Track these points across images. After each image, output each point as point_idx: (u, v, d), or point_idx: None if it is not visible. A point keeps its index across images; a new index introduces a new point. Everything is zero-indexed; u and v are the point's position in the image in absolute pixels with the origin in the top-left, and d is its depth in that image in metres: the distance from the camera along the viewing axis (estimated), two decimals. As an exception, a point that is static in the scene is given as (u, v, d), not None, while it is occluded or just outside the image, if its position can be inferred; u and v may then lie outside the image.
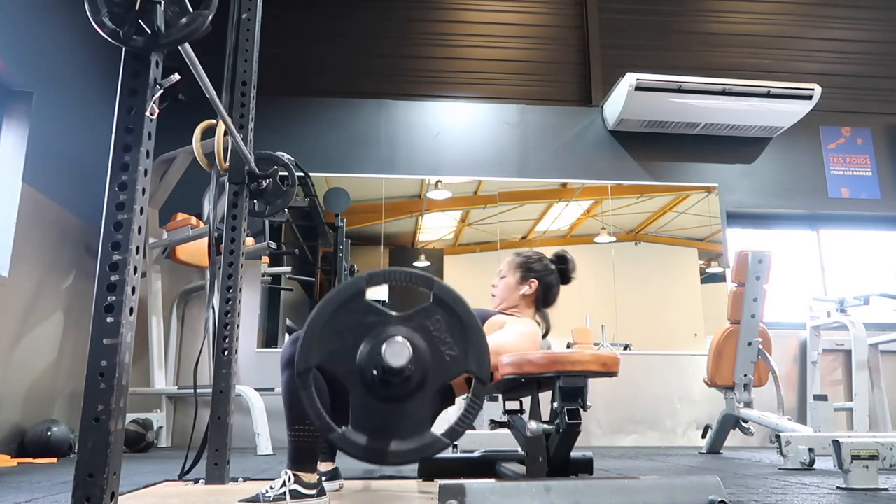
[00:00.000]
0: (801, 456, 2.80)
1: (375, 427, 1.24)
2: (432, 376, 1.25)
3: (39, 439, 3.46)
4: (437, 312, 1.28)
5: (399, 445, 1.23)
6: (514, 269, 2.01)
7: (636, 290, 5.31)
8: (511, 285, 1.98)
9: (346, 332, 1.25)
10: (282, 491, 1.58)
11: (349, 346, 1.25)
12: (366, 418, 1.24)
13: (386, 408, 1.24)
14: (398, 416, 1.25)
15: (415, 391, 1.24)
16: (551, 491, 1.36)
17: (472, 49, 5.81)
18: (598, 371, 1.51)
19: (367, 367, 1.22)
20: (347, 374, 1.24)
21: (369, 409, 1.24)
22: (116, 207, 1.09)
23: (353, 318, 1.26)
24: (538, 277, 1.99)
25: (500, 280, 2.03)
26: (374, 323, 1.26)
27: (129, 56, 1.14)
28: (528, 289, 1.97)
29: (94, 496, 1.01)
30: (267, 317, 5.01)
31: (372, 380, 1.23)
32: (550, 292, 2.01)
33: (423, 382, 1.24)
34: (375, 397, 1.24)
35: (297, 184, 2.39)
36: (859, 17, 6.06)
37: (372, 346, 1.23)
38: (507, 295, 1.98)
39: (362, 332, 1.26)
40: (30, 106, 3.71)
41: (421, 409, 1.26)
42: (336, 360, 1.25)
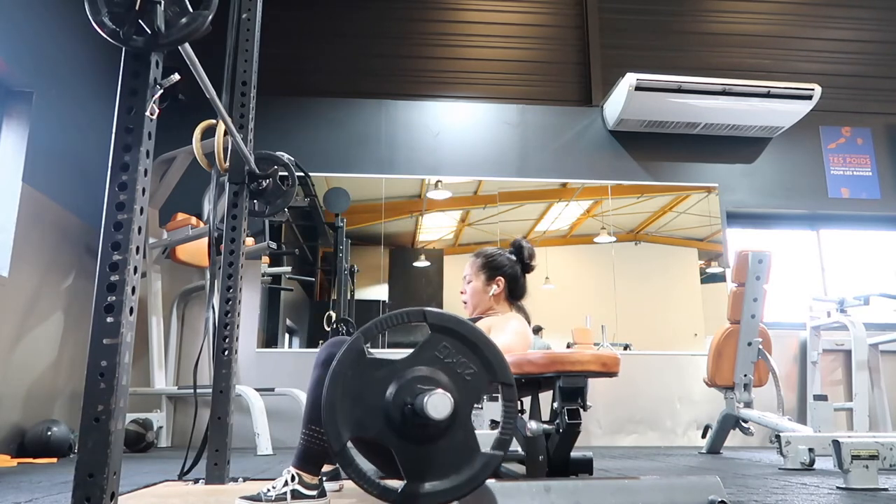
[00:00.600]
0: (801, 456, 2.80)
1: (429, 470, 1.24)
2: (462, 401, 1.26)
3: (39, 439, 3.46)
4: (440, 340, 1.29)
5: (460, 478, 1.24)
6: (477, 271, 2.02)
7: (636, 290, 5.31)
8: (479, 288, 1.99)
9: (364, 395, 1.25)
10: (283, 491, 1.58)
11: (373, 407, 1.25)
12: (417, 466, 1.24)
13: (432, 448, 1.25)
14: (447, 451, 1.25)
15: (453, 422, 1.24)
16: (551, 491, 1.36)
17: (472, 49, 5.81)
18: (598, 371, 1.51)
19: (398, 417, 1.23)
20: (382, 434, 1.24)
21: (417, 456, 1.24)
22: (116, 207, 1.09)
23: (366, 379, 1.26)
24: (503, 274, 1.99)
25: (468, 285, 2.04)
26: (387, 375, 1.26)
27: (129, 56, 1.14)
28: (497, 287, 1.98)
29: (94, 496, 1.01)
30: (267, 317, 5.01)
31: (407, 428, 1.23)
32: (517, 284, 2.02)
33: (456, 411, 1.23)
34: (417, 443, 1.24)
35: (297, 184, 2.39)
36: (859, 17, 6.06)
37: (396, 393, 1.23)
38: (479, 299, 2.00)
39: (381, 388, 1.25)
40: (30, 106, 3.71)
41: (465, 436, 1.26)
42: (366, 426, 1.25)
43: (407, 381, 1.24)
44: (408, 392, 1.23)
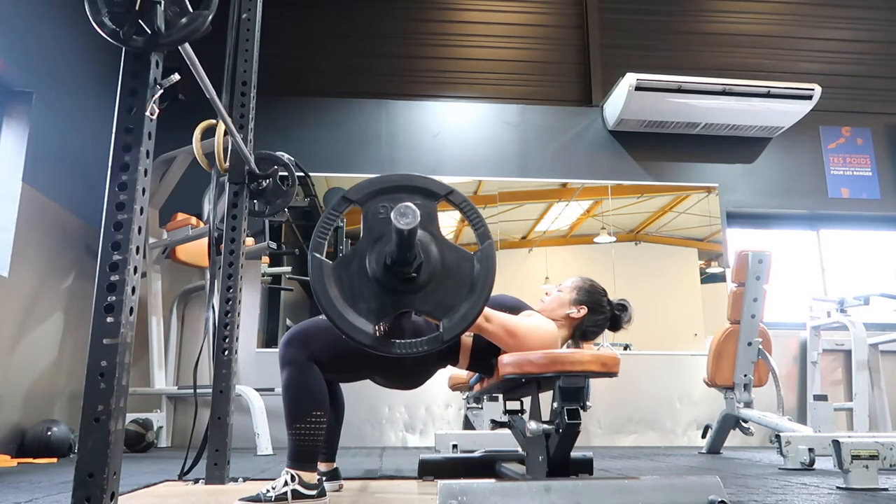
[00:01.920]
0: (801, 456, 2.80)
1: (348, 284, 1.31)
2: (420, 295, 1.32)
3: (39, 439, 3.46)
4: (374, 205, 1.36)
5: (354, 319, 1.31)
6: (573, 288, 1.93)
7: (636, 291, 5.31)
8: (563, 301, 1.91)
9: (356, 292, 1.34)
10: (283, 491, 1.58)
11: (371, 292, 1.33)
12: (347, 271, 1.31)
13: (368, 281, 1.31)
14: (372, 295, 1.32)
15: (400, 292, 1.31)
16: (551, 491, 1.36)
17: (472, 49, 5.81)
18: (598, 371, 1.51)
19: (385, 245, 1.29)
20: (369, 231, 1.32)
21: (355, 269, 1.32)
22: (116, 207, 1.09)
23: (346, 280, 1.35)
24: (591, 309, 1.91)
25: (557, 292, 1.96)
26: (360, 262, 1.35)
27: (129, 56, 1.14)
28: (576, 312, 1.88)
29: (94, 496, 1.01)
30: (267, 317, 5.01)
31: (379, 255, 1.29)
32: (593, 329, 1.93)
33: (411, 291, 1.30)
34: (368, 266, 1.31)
35: (297, 184, 2.39)
36: (859, 17, 6.06)
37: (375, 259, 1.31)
38: (555, 307, 1.91)
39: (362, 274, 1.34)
40: (30, 106, 3.71)
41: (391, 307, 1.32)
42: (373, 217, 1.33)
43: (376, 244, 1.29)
44: (382, 257, 1.29)
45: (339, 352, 1.67)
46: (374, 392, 4.19)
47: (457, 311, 1.32)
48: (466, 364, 1.81)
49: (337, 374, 1.78)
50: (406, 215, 1.18)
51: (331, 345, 1.67)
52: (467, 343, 1.77)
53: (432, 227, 1.33)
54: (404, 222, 1.18)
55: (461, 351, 1.79)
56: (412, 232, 1.20)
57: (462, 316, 1.32)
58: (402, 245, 1.22)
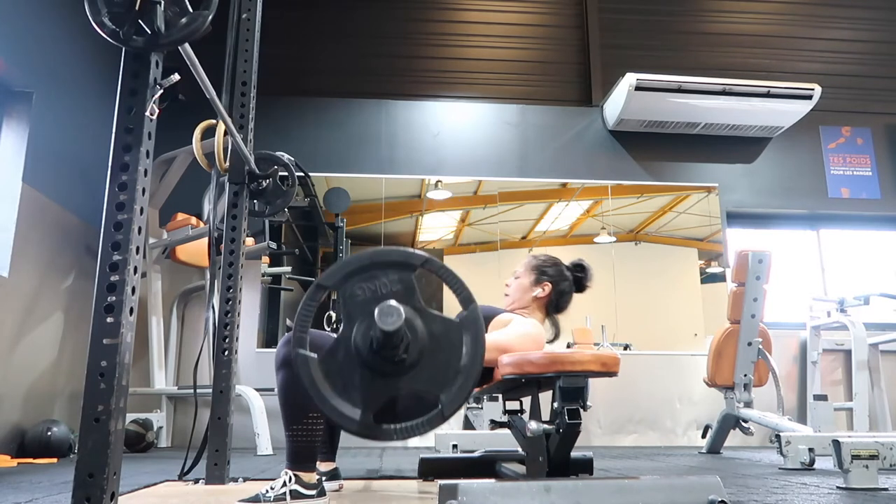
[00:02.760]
0: (801, 456, 2.80)
1: (338, 378, 1.24)
2: (412, 374, 1.26)
3: (39, 439, 3.46)
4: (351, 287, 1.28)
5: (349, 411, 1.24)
6: (529, 270, 1.98)
7: (636, 290, 5.31)
8: (525, 286, 1.96)
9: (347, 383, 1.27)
10: (282, 491, 1.58)
11: (368, 298, 1.26)
12: (335, 363, 1.25)
13: (358, 369, 1.25)
14: (363, 384, 1.25)
15: (390, 375, 1.25)
16: (551, 491, 1.36)
17: (472, 49, 5.81)
18: (598, 371, 1.51)
19: (369, 327, 1.23)
20: (349, 317, 1.26)
21: (343, 359, 1.25)
22: (116, 207, 1.09)
23: (333, 372, 1.26)
24: (552, 282, 1.95)
25: (515, 280, 2.00)
26: (346, 352, 1.27)
27: (129, 56, 1.14)
28: (541, 291, 1.94)
29: (94, 496, 1.01)
30: (267, 317, 5.01)
31: (365, 338, 1.23)
32: (563, 298, 1.98)
33: (402, 372, 1.25)
34: (355, 353, 1.25)
35: (297, 184, 2.39)
36: (859, 17, 6.06)
37: (381, 311, 1.23)
38: (520, 295, 1.96)
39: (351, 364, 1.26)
40: (30, 106, 3.71)
41: (384, 392, 1.26)
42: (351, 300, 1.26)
43: (359, 327, 1.24)
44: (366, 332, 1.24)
45: None
46: (374, 392, 4.19)
47: (454, 382, 1.27)
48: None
49: None
50: (391, 315, 1.16)
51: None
52: None
53: (414, 301, 1.27)
54: (389, 322, 1.16)
55: None
56: (398, 331, 1.18)
57: (460, 387, 1.26)
58: (389, 341, 1.20)
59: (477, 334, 1.29)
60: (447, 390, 1.26)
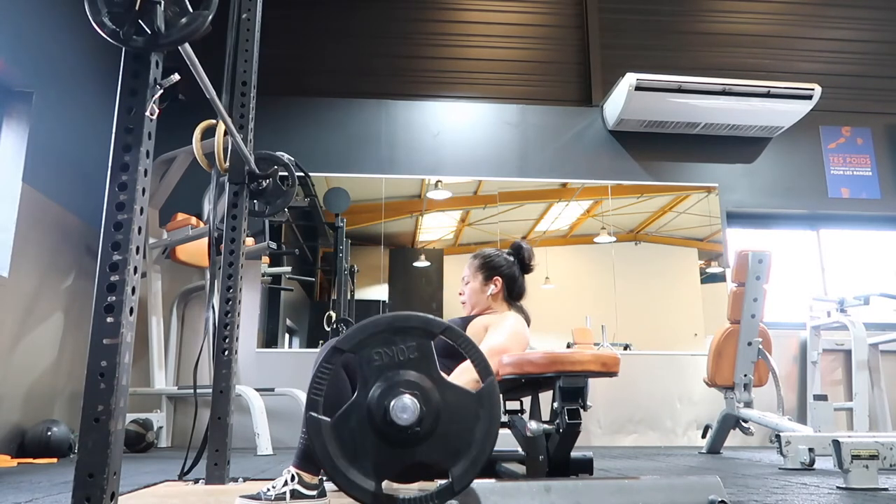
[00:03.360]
0: (801, 456, 2.80)
1: (348, 442, 1.24)
2: (424, 446, 1.25)
3: (39, 439, 3.46)
4: (472, 403, 1.28)
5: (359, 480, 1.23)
6: (475, 271, 2.02)
7: (636, 290, 5.31)
8: (477, 288, 2.00)
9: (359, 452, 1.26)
10: (283, 490, 1.58)
11: (386, 364, 1.27)
12: (346, 428, 1.24)
13: (369, 434, 1.25)
14: (375, 450, 1.24)
15: (401, 444, 1.24)
16: (551, 491, 1.36)
17: (472, 49, 5.81)
18: (598, 371, 1.51)
19: (385, 394, 1.24)
20: (364, 381, 1.26)
21: (354, 423, 1.25)
22: (116, 207, 1.09)
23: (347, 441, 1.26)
24: (500, 274, 2.00)
25: (466, 286, 2.04)
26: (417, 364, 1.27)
27: (129, 56, 1.14)
28: (494, 287, 1.98)
29: (94, 496, 1.01)
30: (267, 317, 5.01)
31: (380, 405, 1.24)
32: (516, 285, 2.02)
33: (414, 443, 1.24)
34: (367, 418, 1.24)
35: (297, 184, 2.39)
36: (859, 17, 6.06)
37: (395, 383, 1.25)
38: (476, 299, 2.00)
39: (405, 365, 1.27)
40: (30, 106, 3.71)
41: (396, 462, 1.25)
42: (367, 366, 1.26)
43: (412, 383, 1.24)
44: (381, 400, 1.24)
45: None
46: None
47: (466, 456, 1.25)
48: None
49: None
50: (405, 411, 1.18)
51: None
52: None
53: (431, 370, 1.27)
54: (405, 419, 1.17)
55: None
56: (413, 425, 1.19)
57: (472, 461, 1.25)
58: (402, 428, 1.20)
59: (492, 409, 1.27)
60: (459, 463, 1.24)
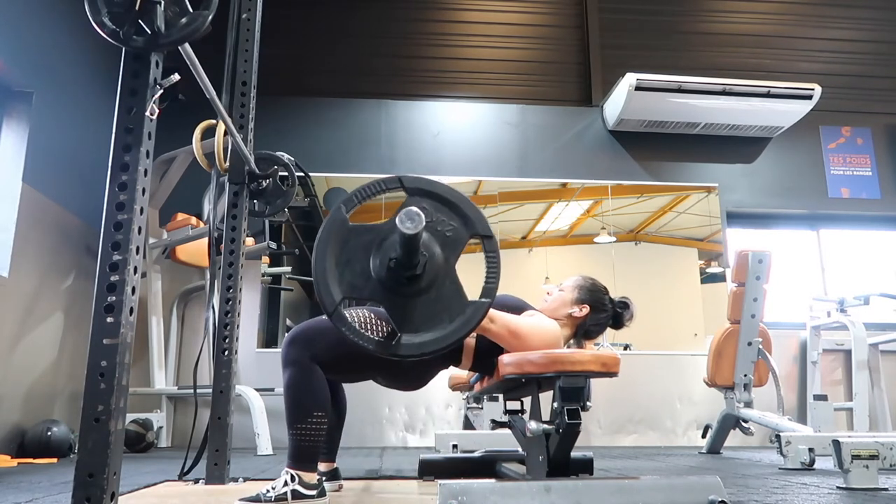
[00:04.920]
0: (801, 456, 2.80)
1: (422, 322, 1.31)
2: (446, 254, 1.33)
3: (39, 439, 3.46)
4: (419, 202, 1.35)
5: (452, 326, 1.31)
6: (575, 287, 1.94)
7: (636, 290, 5.29)
8: (565, 300, 1.92)
9: (352, 259, 1.33)
10: (283, 491, 1.58)
11: (362, 268, 1.32)
12: (409, 319, 1.31)
13: (421, 301, 1.31)
14: (436, 302, 1.32)
15: (411, 294, 1.30)
16: (551, 491, 1.36)
17: (472, 49, 5.81)
18: (599, 371, 1.51)
19: (386, 273, 1.29)
20: (373, 293, 1.31)
21: (407, 309, 1.31)
22: (116, 207, 1.09)
23: (352, 245, 1.33)
24: (593, 307, 1.92)
25: (558, 291, 1.96)
26: (371, 239, 1.33)
27: (129, 56, 1.14)
28: (579, 311, 1.89)
29: (94, 496, 1.01)
30: (267, 317, 5.01)
31: (396, 282, 1.29)
32: (596, 327, 1.94)
33: (422, 290, 1.30)
34: (406, 297, 1.31)
35: (297, 184, 2.39)
36: (859, 17, 6.06)
37: (382, 256, 1.30)
38: (557, 306, 1.91)
39: (366, 250, 1.32)
40: (30, 106, 3.71)
41: (453, 287, 1.33)
42: (357, 287, 1.32)
43: (390, 239, 1.29)
44: (391, 248, 1.29)
45: (342, 352, 1.67)
46: (374, 392, 4.20)
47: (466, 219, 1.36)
48: (469, 364, 1.80)
49: (339, 374, 1.78)
50: (412, 219, 1.19)
51: (333, 345, 1.67)
52: (470, 343, 1.77)
53: (450, 255, 1.36)
54: (414, 227, 1.19)
55: (464, 351, 1.79)
56: (417, 237, 1.21)
57: (471, 215, 1.36)
58: (410, 250, 1.23)
59: (423, 181, 1.36)
60: (468, 224, 1.35)
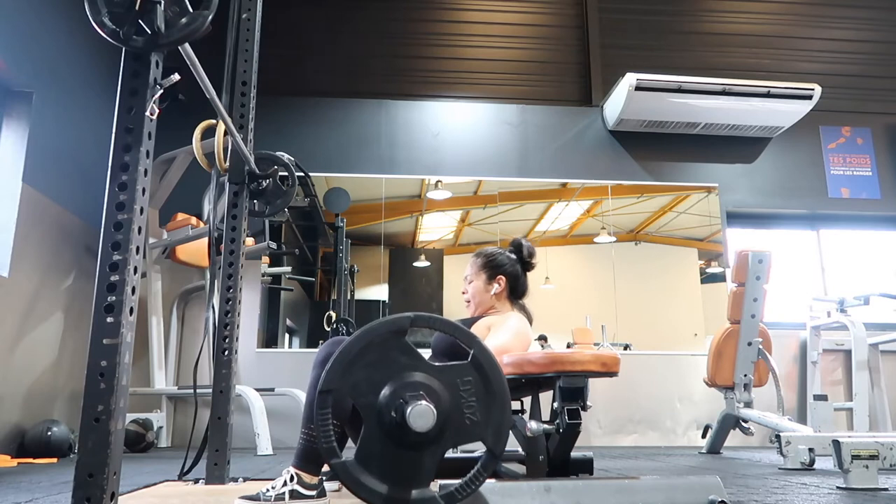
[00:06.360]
0: (801, 456, 2.80)
1: (379, 467, 1.23)
2: (448, 435, 1.24)
3: (39, 439, 3.46)
4: (470, 374, 1.26)
5: (396, 492, 1.22)
6: (478, 270, 2.02)
7: (636, 290, 5.31)
8: (480, 288, 2.00)
9: (376, 365, 1.24)
10: (282, 491, 1.58)
11: (376, 380, 1.24)
12: (371, 456, 1.23)
13: (394, 452, 1.23)
14: (404, 463, 1.23)
15: (426, 445, 1.23)
16: (551, 491, 1.36)
17: (472, 49, 5.81)
18: (598, 371, 1.51)
19: (387, 411, 1.22)
20: (366, 408, 1.24)
21: (376, 450, 1.23)
22: (116, 207, 1.09)
23: (387, 354, 1.25)
24: (503, 272, 1.99)
25: (469, 285, 2.04)
26: (405, 365, 1.24)
27: (129, 56, 1.14)
28: (498, 286, 1.98)
29: (94, 496, 1.01)
30: (267, 317, 5.01)
31: (389, 423, 1.22)
32: (519, 283, 2.02)
33: (437, 438, 1.22)
34: (387, 439, 1.23)
35: (297, 184, 2.39)
36: (859, 17, 6.06)
37: (395, 390, 1.22)
38: (480, 298, 2.00)
39: (392, 370, 1.24)
40: (30, 106, 3.71)
41: (427, 463, 1.24)
42: (358, 392, 1.24)
43: (410, 384, 1.22)
44: (402, 393, 1.22)
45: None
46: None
47: (489, 421, 1.25)
48: None
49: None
50: (424, 417, 1.16)
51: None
52: None
53: (420, 364, 1.26)
54: (421, 424, 1.16)
55: None
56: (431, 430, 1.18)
57: (499, 425, 1.25)
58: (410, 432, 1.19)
59: (491, 364, 1.26)
60: (488, 431, 1.24)
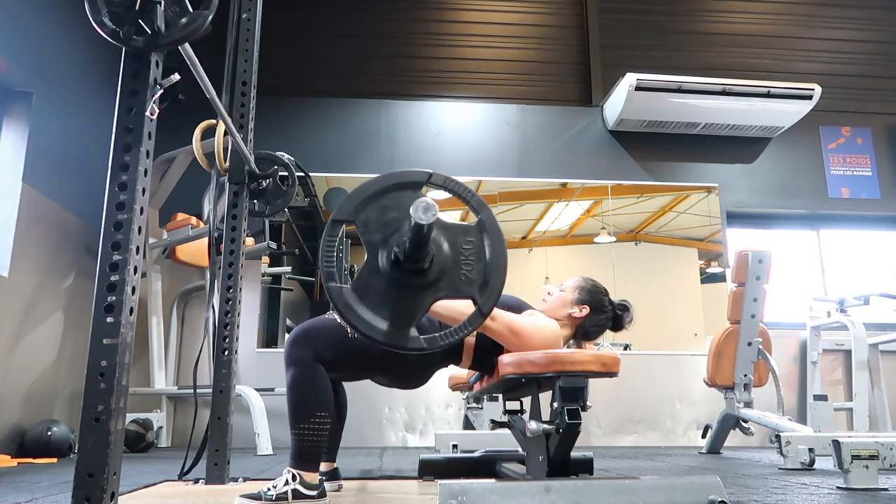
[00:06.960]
0: (801, 456, 2.80)
1: (371, 300, 1.30)
2: (442, 285, 1.31)
3: (39, 439, 3.46)
4: (474, 235, 1.34)
5: (379, 324, 1.29)
6: (576, 288, 1.93)
7: (636, 290, 5.31)
8: (565, 300, 1.90)
9: (387, 209, 1.32)
10: (284, 490, 1.58)
11: (384, 221, 1.32)
12: (366, 289, 1.30)
13: (387, 287, 1.30)
14: (396, 300, 1.30)
15: (421, 289, 1.29)
16: (551, 491, 1.36)
17: (472, 49, 5.81)
18: (599, 371, 1.51)
19: (389, 248, 1.29)
20: (370, 245, 1.32)
21: (373, 283, 1.31)
22: (116, 207, 1.09)
23: (400, 203, 1.32)
24: (593, 308, 1.90)
25: (559, 290, 1.95)
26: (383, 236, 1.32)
27: (129, 56, 1.14)
28: (578, 311, 1.88)
29: (94, 496, 1.01)
30: (267, 317, 5.01)
31: (389, 259, 1.29)
32: (595, 328, 1.92)
33: (431, 284, 1.30)
34: (384, 276, 1.30)
35: (297, 184, 2.39)
36: (859, 17, 6.06)
37: (401, 231, 1.30)
38: (557, 306, 1.90)
39: (401, 217, 1.32)
40: (30, 106, 3.71)
41: (417, 306, 1.31)
42: (367, 228, 1.32)
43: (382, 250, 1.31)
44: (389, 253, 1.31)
45: (344, 351, 1.67)
46: (374, 392, 4.20)
47: (485, 282, 1.32)
48: (469, 363, 1.81)
49: (342, 373, 1.78)
50: (429, 210, 1.18)
51: (335, 343, 1.67)
52: (470, 342, 1.77)
53: None
54: (428, 217, 1.18)
55: (464, 350, 1.79)
56: (432, 226, 1.21)
57: (491, 287, 1.32)
58: (420, 241, 1.22)
59: (496, 231, 1.34)
60: (481, 291, 1.32)
